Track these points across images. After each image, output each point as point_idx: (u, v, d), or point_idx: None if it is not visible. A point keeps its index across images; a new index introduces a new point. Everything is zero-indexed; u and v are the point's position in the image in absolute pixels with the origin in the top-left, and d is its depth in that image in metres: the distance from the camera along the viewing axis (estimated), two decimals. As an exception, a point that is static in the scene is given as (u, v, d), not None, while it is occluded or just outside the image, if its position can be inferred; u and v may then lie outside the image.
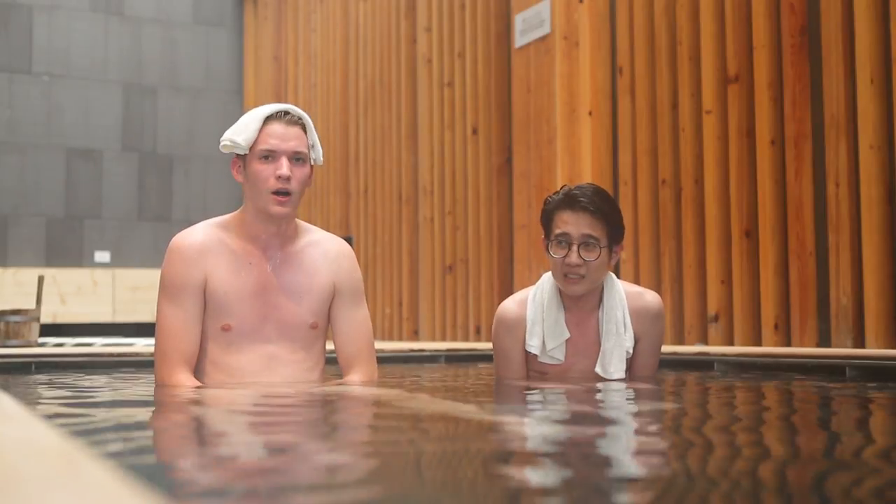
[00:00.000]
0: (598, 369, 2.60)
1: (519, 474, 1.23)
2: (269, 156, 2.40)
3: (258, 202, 2.43)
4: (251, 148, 2.42)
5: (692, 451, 1.45)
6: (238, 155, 2.46)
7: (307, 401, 2.20)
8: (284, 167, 2.38)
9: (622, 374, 2.59)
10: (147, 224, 9.71)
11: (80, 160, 9.52)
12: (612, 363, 2.58)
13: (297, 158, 2.42)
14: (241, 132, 2.42)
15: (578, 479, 1.20)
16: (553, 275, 2.59)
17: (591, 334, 2.62)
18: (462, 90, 6.31)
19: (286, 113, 2.44)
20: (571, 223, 2.50)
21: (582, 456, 1.41)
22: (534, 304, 2.63)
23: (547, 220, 2.59)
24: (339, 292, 2.55)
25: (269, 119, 2.43)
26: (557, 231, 2.52)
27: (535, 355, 2.63)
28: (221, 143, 2.46)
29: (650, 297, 2.66)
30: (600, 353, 2.59)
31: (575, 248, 2.49)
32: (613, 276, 2.68)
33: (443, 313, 6.45)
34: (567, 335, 2.59)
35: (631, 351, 2.62)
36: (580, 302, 2.62)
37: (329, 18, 8.41)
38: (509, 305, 2.67)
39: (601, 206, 2.50)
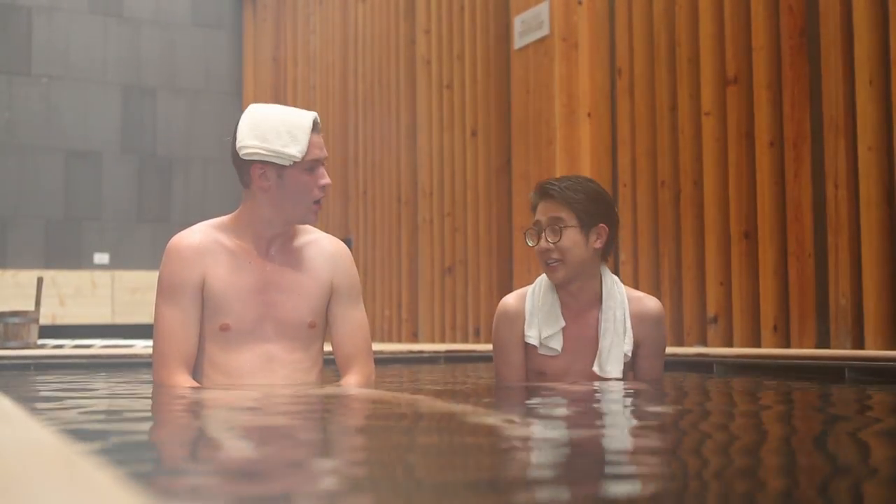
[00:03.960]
0: (595, 368, 2.60)
1: (516, 477, 1.23)
2: (314, 166, 2.43)
3: (295, 210, 2.45)
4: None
5: (690, 454, 1.45)
6: (263, 161, 2.41)
7: (305, 403, 2.20)
8: (327, 176, 2.46)
9: (619, 375, 2.60)
10: (146, 226, 9.71)
11: (80, 162, 9.52)
12: (610, 362, 2.58)
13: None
14: (288, 143, 2.38)
15: (574, 483, 1.20)
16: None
17: (589, 332, 2.63)
18: (461, 92, 6.31)
19: (317, 120, 2.46)
20: (541, 211, 2.60)
21: (579, 459, 1.41)
22: (532, 297, 2.67)
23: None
24: (337, 291, 2.56)
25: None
26: (533, 222, 2.62)
27: (535, 348, 2.64)
28: (269, 153, 2.39)
29: (651, 303, 2.67)
30: (598, 352, 2.60)
31: (544, 234, 2.57)
32: (615, 276, 2.69)
33: (442, 315, 6.45)
34: (563, 323, 2.61)
35: (630, 354, 2.62)
36: (576, 295, 2.64)
37: (328, 20, 8.41)
38: (509, 300, 2.71)
39: (565, 190, 2.57)
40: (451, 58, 6.43)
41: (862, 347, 3.70)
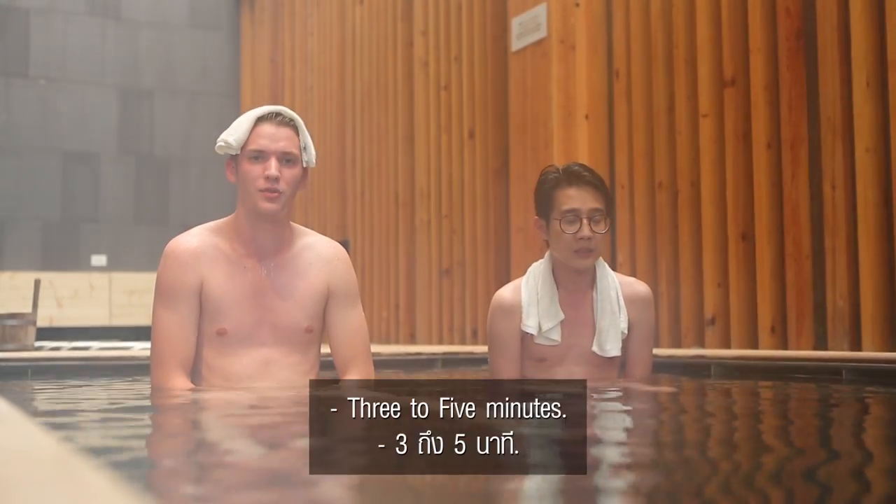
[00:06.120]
0: (594, 348, 2.67)
1: (513, 479, 1.23)
2: (259, 156, 2.43)
3: (248, 201, 2.46)
4: (242, 148, 2.44)
5: (685, 457, 1.45)
6: (232, 156, 2.49)
7: (303, 405, 2.20)
8: (273, 167, 2.40)
9: (618, 353, 2.67)
10: (144, 227, 9.70)
11: (77, 163, 9.51)
12: (609, 341, 2.66)
13: (286, 160, 2.43)
14: (232, 133, 2.45)
15: (571, 485, 1.19)
16: (560, 252, 2.67)
17: (586, 315, 2.70)
18: (459, 93, 6.30)
19: (277, 114, 2.46)
20: (578, 199, 2.61)
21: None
22: (527, 288, 2.71)
23: (546, 198, 2.68)
24: (334, 295, 2.55)
25: (259, 120, 2.45)
26: (565, 208, 2.62)
27: (532, 337, 2.68)
28: (217, 145, 2.49)
29: (641, 287, 2.77)
30: (596, 332, 2.67)
31: (585, 222, 2.60)
32: (603, 261, 2.77)
33: (439, 317, 6.45)
34: (562, 316, 2.67)
35: (626, 331, 2.68)
36: (574, 283, 2.70)
37: (326, 21, 8.41)
38: (504, 292, 2.75)
39: (599, 179, 2.67)
40: (449, 59, 6.43)
41: (859, 349, 3.71)
